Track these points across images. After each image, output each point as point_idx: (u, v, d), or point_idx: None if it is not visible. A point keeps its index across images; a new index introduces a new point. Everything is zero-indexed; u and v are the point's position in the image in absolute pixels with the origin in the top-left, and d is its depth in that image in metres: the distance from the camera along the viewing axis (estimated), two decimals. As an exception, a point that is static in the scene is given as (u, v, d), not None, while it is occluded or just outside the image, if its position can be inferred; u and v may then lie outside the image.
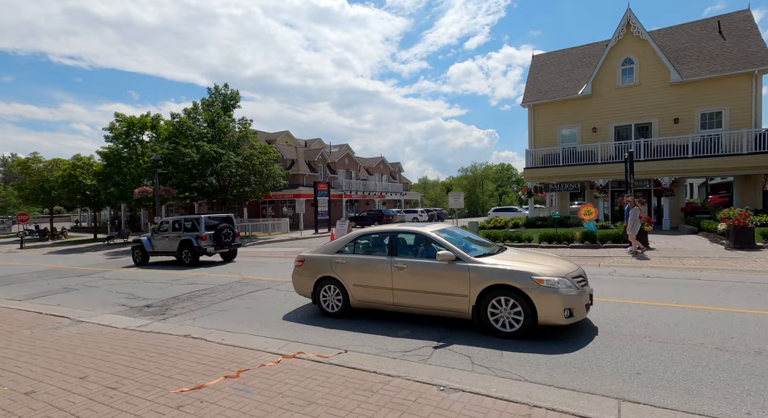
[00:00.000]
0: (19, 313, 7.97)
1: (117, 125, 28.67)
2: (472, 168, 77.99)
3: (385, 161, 50.84)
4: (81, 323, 7.01)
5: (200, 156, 23.29)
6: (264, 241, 23.86)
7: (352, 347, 5.14)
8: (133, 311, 7.99)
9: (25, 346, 5.70)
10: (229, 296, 8.80)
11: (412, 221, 43.44)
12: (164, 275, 12.36)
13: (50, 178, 34.34)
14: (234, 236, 15.35)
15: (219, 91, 26.29)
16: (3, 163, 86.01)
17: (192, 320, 6.93)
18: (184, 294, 9.27)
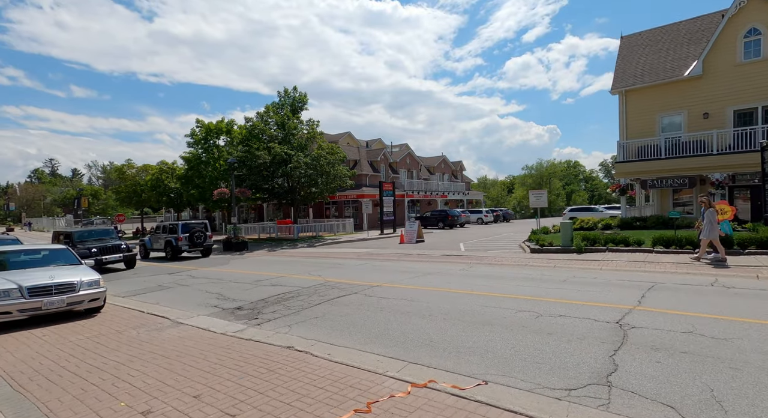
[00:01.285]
0: (124, 311, 8.17)
1: (197, 131, 30.72)
2: (537, 165, 73.18)
3: (447, 160, 49.30)
4: (180, 325, 6.89)
5: (271, 157, 23.91)
6: (332, 241, 23.86)
7: (490, 375, 4.19)
8: (225, 313, 7.81)
9: (133, 349, 5.56)
10: (318, 300, 8.33)
11: (476, 222, 41.60)
12: (247, 276, 12.42)
13: (141, 182, 37.94)
14: (205, 238, 18.99)
15: (288, 94, 26.92)
16: (103, 171, 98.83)
17: (288, 328, 6.47)
18: (272, 297, 9.00)
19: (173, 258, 18.39)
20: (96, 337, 6.28)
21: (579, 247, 13.05)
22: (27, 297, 6.96)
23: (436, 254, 15.27)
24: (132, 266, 16.01)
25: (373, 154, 39.67)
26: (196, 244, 18.51)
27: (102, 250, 14.94)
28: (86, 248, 14.64)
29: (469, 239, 21.49)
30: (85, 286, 7.66)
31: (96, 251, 14.70)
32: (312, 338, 5.81)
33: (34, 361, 5.21)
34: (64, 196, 75.96)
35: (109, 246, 15.27)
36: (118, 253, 15.43)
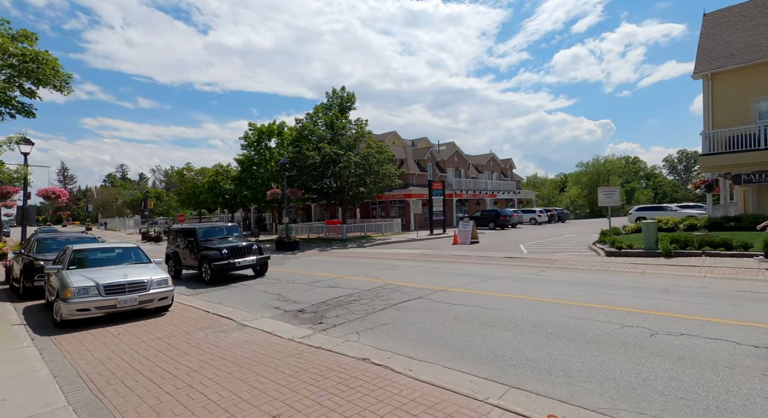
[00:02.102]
0: (190, 310, 8.17)
1: (250, 134, 31.79)
2: (593, 162, 68.05)
3: (496, 158, 47.27)
4: (245, 327, 6.67)
5: (321, 157, 24.00)
6: (381, 241, 23.47)
7: (623, 412, 3.37)
8: (288, 316, 7.53)
9: (203, 353, 5.34)
10: (381, 305, 7.81)
11: (529, 222, 39.34)
12: (303, 276, 12.25)
13: (199, 184, 40.12)
14: None
15: (336, 94, 26.97)
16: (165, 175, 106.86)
17: (356, 336, 5.98)
18: (332, 299, 8.64)
19: None
20: (166, 338, 6.20)
21: (667, 250, 11.47)
22: (103, 295, 7.10)
23: (497, 256, 14.25)
24: (263, 272, 12.77)
25: (420, 154, 38.90)
26: None
27: (233, 251, 11.88)
28: (215, 248, 11.87)
29: (527, 241, 20.09)
30: (155, 285, 7.73)
31: (227, 252, 11.69)
32: (386, 349, 5.27)
33: (111, 362, 5.14)
34: (132, 199, 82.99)
35: (241, 247, 12.14)
36: (251, 255, 12.19)
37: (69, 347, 5.85)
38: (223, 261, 11.59)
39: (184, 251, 13.14)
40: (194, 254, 12.53)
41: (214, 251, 11.79)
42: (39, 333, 6.71)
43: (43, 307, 8.98)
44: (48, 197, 14.73)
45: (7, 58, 7.92)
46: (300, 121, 26.68)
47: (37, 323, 7.48)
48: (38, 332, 6.80)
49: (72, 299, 6.85)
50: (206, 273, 11.86)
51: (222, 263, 11.54)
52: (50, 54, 8.54)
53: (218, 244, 12.37)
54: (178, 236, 13.79)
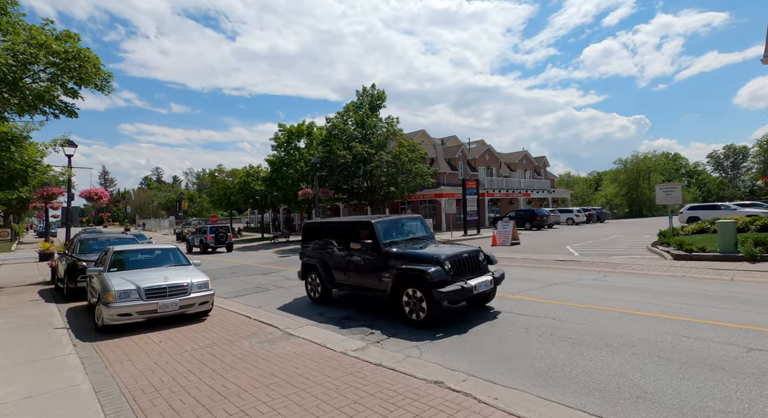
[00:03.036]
0: (231, 315, 7.75)
1: (280, 135, 31.81)
2: (632, 159, 64.34)
3: (529, 156, 45.49)
4: (291, 336, 6.13)
5: (352, 157, 23.55)
6: (414, 242, 22.72)
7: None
8: (335, 324, 6.96)
9: (251, 367, 4.81)
10: (435, 313, 7.08)
11: (566, 223, 37.44)
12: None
13: (230, 185, 40.72)
14: (227, 237, 24.18)
15: (366, 92, 26.48)
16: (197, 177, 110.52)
17: (417, 350, 5.31)
18: (378, 305, 7.99)
19: (204, 252, 23.63)
20: (210, 347, 5.75)
21: (752, 254, 10.12)
22: (144, 299, 6.78)
23: (546, 259, 13.21)
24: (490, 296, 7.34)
25: (450, 152, 37.87)
26: (220, 241, 23.98)
27: (459, 264, 6.59)
28: (425, 256, 6.64)
29: (573, 242, 18.79)
30: (195, 288, 7.36)
31: (450, 267, 6.39)
32: (457, 369, 4.56)
33: (154, 375, 4.70)
34: (167, 200, 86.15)
35: (467, 256, 6.81)
36: (483, 274, 6.93)
37: (111, 356, 5.50)
38: (449, 285, 6.10)
39: (344, 260, 7.82)
40: (372, 265, 7.20)
41: (423, 263, 6.42)
42: (81, 338, 6.45)
43: (85, 309, 8.85)
44: (90, 198, 14.97)
45: (49, 56, 7.80)
46: (330, 121, 26.37)
47: (79, 326, 7.27)
48: (80, 337, 6.54)
49: (113, 304, 6.55)
50: (413, 304, 6.38)
51: (451, 289, 6.02)
52: (91, 51, 8.41)
53: (419, 248, 7.01)
54: (328, 234, 8.44)
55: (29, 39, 7.75)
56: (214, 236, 23.88)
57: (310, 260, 8.81)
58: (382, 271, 7.03)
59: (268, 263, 17.46)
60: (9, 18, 8.26)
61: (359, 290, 7.69)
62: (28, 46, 7.59)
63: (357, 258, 7.57)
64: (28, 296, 10.79)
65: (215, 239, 23.83)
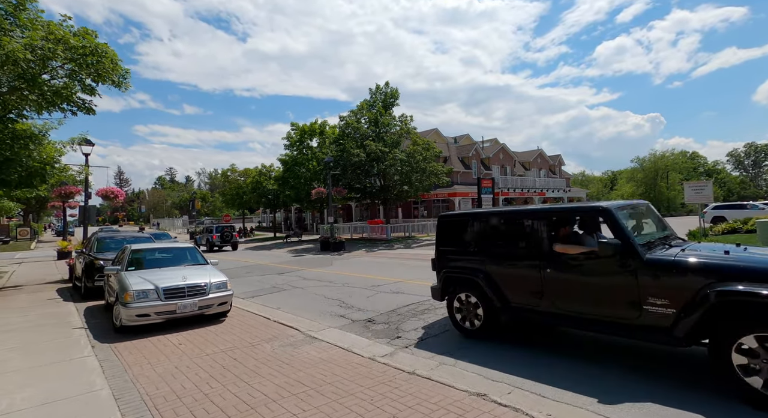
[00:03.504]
0: (250, 316, 7.52)
1: (292, 134, 31.76)
2: (650, 158, 62.72)
3: (544, 154, 44.65)
4: (315, 340, 5.85)
5: (366, 155, 23.27)
6: (429, 242, 22.34)
7: None
8: (358, 326, 6.66)
9: (275, 374, 4.54)
10: (463, 316, 6.73)
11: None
12: (359, 279, 11.43)
13: (242, 185, 40.87)
14: (232, 236, 25.51)
15: (379, 90, 26.17)
16: (209, 177, 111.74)
17: (451, 358, 4.96)
18: (402, 307, 7.69)
19: (210, 250, 24.68)
20: (231, 351, 5.50)
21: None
22: (163, 299, 6.58)
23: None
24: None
25: (463, 151, 37.35)
26: (226, 240, 25.31)
27: None
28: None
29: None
30: (214, 288, 7.14)
31: None
32: (498, 379, 4.21)
33: (176, 381, 4.46)
34: (180, 200, 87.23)
35: None
36: None
37: (130, 359, 5.29)
38: None
39: (539, 273, 4.92)
40: (614, 283, 4.32)
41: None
42: (99, 339, 6.27)
43: (103, 308, 8.73)
44: (107, 197, 14.98)
45: (67, 52, 7.67)
46: (344, 119, 26.13)
47: (97, 326, 7.11)
48: (98, 337, 6.37)
49: (132, 304, 6.36)
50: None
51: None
52: (109, 47, 8.28)
53: (723, 253, 4.04)
54: (497, 231, 5.57)
55: (47, 34, 7.64)
56: (220, 235, 25.31)
57: (463, 270, 5.78)
58: (645, 293, 4.03)
59: (282, 262, 17.29)
60: (28, 14, 8.17)
61: (574, 322, 4.63)
62: (46, 42, 7.48)
63: (575, 271, 4.61)
64: (47, 294, 10.76)
65: (221, 237, 25.28)
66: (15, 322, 7.56)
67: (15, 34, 7.61)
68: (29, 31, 8.00)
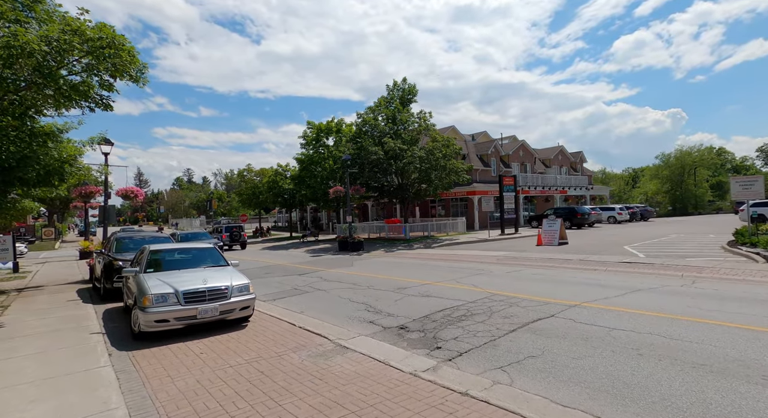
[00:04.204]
0: (273, 321, 7.06)
1: (308, 132, 31.46)
2: (676, 154, 60.21)
3: (565, 151, 43.25)
4: (346, 350, 5.33)
5: (384, 153, 22.70)
6: (449, 242, 21.66)
7: None
8: (390, 334, 6.12)
9: (309, 392, 4.03)
10: (506, 325, 6.12)
11: (608, 221, 35.22)
12: (383, 281, 10.89)
13: (258, 185, 40.87)
14: (240, 235, 26.90)
15: (397, 87, 25.55)
16: (225, 178, 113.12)
17: (504, 374, 4.37)
18: (435, 313, 7.11)
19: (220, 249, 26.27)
20: (256, 361, 5.02)
21: None
22: (183, 303, 6.16)
23: (610, 261, 11.89)
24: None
25: (482, 148, 36.41)
26: (235, 240, 26.50)
27: None
28: None
29: (627, 241, 17.21)
30: (236, 292, 6.69)
31: None
32: (569, 404, 3.59)
33: (198, 399, 4.00)
34: (197, 200, 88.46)
35: None
36: None
37: (148, 370, 4.87)
38: None
39: None
40: None
41: None
42: (117, 346, 5.90)
43: (121, 311, 8.43)
44: (127, 197, 14.85)
45: (84, 44, 7.36)
46: (361, 116, 25.62)
47: (115, 331, 6.77)
48: (116, 344, 6.00)
49: (150, 308, 5.96)
50: None
51: None
52: (126, 38, 7.94)
53: None
54: None
55: (64, 26, 7.34)
56: (229, 235, 26.58)
57: None
58: None
59: (301, 262, 16.91)
60: (45, 6, 7.90)
61: None
62: (62, 34, 7.17)
63: None
64: (67, 295, 10.59)
65: (230, 237, 26.54)
66: (33, 325, 7.30)
67: (31, 26, 7.33)
68: (46, 24, 7.73)
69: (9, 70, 6.94)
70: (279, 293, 10.20)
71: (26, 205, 12.98)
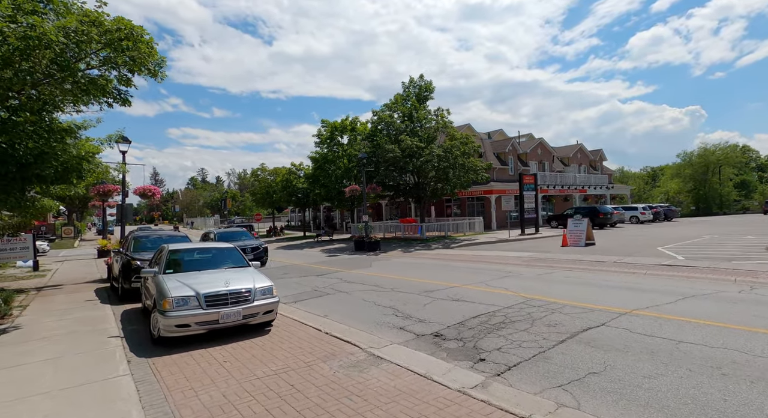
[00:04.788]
0: (297, 327, 6.66)
1: (323, 131, 31.15)
2: (699, 152, 58.12)
3: (584, 149, 42.09)
4: (381, 360, 4.88)
5: (401, 151, 22.21)
6: (469, 242, 21.06)
7: None
8: (425, 342, 5.65)
9: (349, 412, 3.59)
10: (552, 334, 5.59)
11: (630, 221, 34.07)
12: (407, 283, 10.42)
13: (272, 184, 40.81)
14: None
15: (413, 83, 25.03)
16: (238, 177, 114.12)
17: (568, 395, 3.86)
18: (470, 319, 6.61)
19: None
20: (285, 372, 4.61)
21: None
22: (204, 307, 5.79)
23: (647, 264, 11.19)
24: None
25: (499, 146, 35.61)
26: None
27: None
28: None
29: (659, 243, 16.38)
30: (259, 294, 6.31)
31: None
32: (655, 434, 3.06)
33: (225, 417, 3.59)
34: (211, 199, 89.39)
35: None
36: None
37: (170, 380, 4.50)
38: None
39: None
40: None
41: None
42: (136, 352, 5.57)
43: (139, 312, 8.15)
44: (144, 195, 14.71)
45: (102, 35, 7.07)
46: (377, 114, 25.17)
47: (134, 335, 6.45)
48: (135, 350, 5.67)
49: (170, 312, 5.61)
50: None
51: None
52: (145, 30, 7.65)
53: None
54: None
55: (82, 17, 7.07)
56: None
57: None
58: None
59: (317, 262, 16.55)
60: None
61: None
62: (80, 25, 6.90)
63: None
64: (85, 294, 10.41)
65: None
66: (50, 327, 7.05)
67: (48, 17, 7.08)
68: (64, 17, 7.49)
69: (27, 63, 6.70)
70: (299, 294, 9.82)
71: (45, 204, 12.90)
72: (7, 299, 8.77)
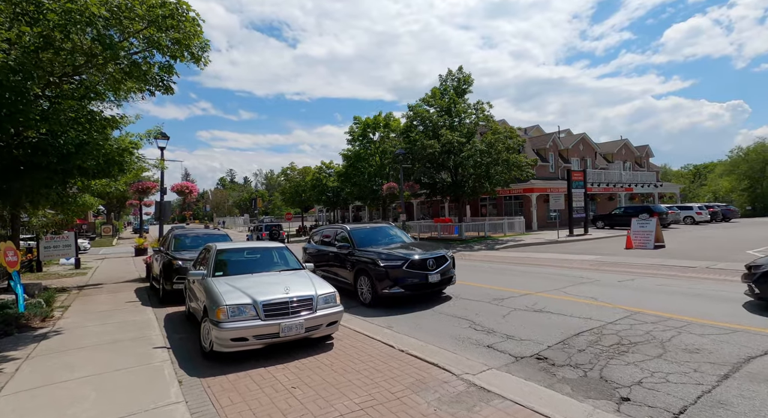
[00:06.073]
0: (363, 341, 5.70)
1: (355, 128, 30.43)
2: (756, 147, 53.54)
3: (629, 145, 39.44)
4: (487, 394, 3.84)
5: (441, 146, 21.03)
6: (514, 243, 19.65)
7: None
8: (532, 369, 4.56)
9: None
10: (708, 366, 4.38)
11: (684, 222, 31.44)
12: (470, 289, 9.31)
13: (302, 183, 40.49)
14: (279, 234, 27.31)
15: (451, 76, 23.79)
16: (265, 178, 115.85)
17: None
18: (571, 337, 5.45)
19: None
20: (372, 408, 3.65)
21: None
22: (263, 317, 4.93)
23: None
24: None
25: (538, 142, 33.76)
26: (274, 238, 26.22)
27: None
28: None
29: (738, 246, 14.49)
30: (321, 302, 5.41)
31: None
32: None
33: (319, 482, 2.65)
34: (240, 199, 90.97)
35: None
36: None
37: (230, 411, 3.64)
38: None
39: None
40: None
41: None
42: (186, 369, 4.77)
43: (183, 318, 7.46)
44: (182, 192, 14.31)
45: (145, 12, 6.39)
46: (412, 108, 24.10)
47: (181, 346, 5.69)
48: (185, 366, 4.88)
49: (225, 323, 4.78)
50: None
51: None
52: (190, 6, 6.93)
53: None
54: None
55: (124, -8, 6.41)
56: (269, 233, 27.01)
57: None
58: None
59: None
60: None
61: None
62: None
63: None
64: (125, 295, 9.93)
65: (270, 235, 26.91)
66: (92, 333, 6.43)
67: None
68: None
69: (69, 43, 6.08)
70: (348, 299, 8.89)
71: (87, 201, 12.65)
72: (48, 300, 8.33)
